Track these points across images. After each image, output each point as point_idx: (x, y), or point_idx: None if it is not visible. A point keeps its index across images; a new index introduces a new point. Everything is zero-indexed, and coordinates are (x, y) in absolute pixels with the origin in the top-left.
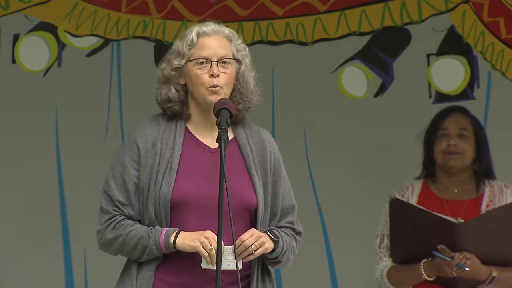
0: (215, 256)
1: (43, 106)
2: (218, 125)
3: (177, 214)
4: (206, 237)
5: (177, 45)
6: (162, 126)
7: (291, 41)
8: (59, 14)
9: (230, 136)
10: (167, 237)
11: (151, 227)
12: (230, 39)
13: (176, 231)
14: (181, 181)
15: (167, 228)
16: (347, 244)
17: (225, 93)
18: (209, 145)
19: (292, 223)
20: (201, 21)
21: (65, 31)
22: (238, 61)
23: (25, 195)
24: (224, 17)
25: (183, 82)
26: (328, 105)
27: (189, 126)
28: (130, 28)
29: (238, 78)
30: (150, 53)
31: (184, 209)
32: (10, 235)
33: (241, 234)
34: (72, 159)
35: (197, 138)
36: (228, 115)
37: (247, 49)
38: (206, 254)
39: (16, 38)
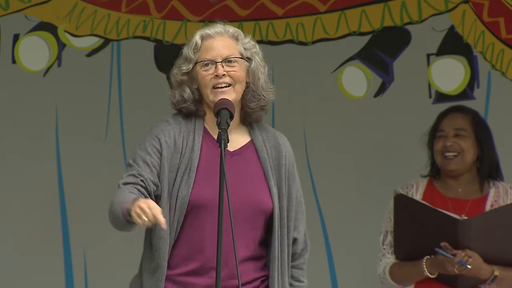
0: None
1: (43, 106)
2: (218, 125)
3: (193, 217)
4: (141, 208)
5: (185, 51)
6: (183, 125)
7: (291, 41)
8: (59, 14)
9: (248, 139)
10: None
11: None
12: (236, 38)
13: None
14: (199, 184)
15: (137, 198)
16: (347, 244)
17: (236, 91)
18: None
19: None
20: (201, 21)
21: (65, 31)
22: (247, 59)
23: (25, 195)
24: (224, 17)
25: (196, 86)
26: (328, 105)
27: (206, 126)
28: (130, 28)
29: (249, 75)
30: (150, 53)
31: (201, 212)
32: (10, 235)
33: (258, 239)
34: (72, 159)
35: (214, 139)
36: (228, 115)
37: (257, 47)
38: (140, 222)
39: (16, 38)
